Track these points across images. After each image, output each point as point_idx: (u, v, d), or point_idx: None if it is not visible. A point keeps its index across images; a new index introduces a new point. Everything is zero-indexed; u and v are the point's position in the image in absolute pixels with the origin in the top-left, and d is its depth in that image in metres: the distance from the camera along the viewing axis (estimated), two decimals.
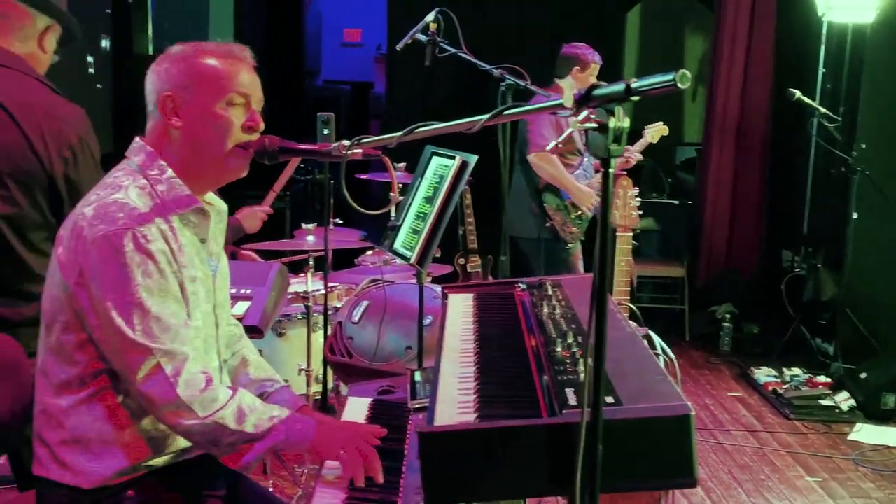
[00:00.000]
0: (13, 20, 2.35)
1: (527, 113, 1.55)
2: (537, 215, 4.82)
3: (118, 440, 1.84)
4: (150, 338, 1.75)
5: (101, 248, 1.75)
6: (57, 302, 1.82)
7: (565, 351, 1.82)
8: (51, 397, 1.85)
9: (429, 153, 2.89)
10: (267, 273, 3.02)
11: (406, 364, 3.04)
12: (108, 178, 1.89)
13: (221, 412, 1.79)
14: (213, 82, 1.88)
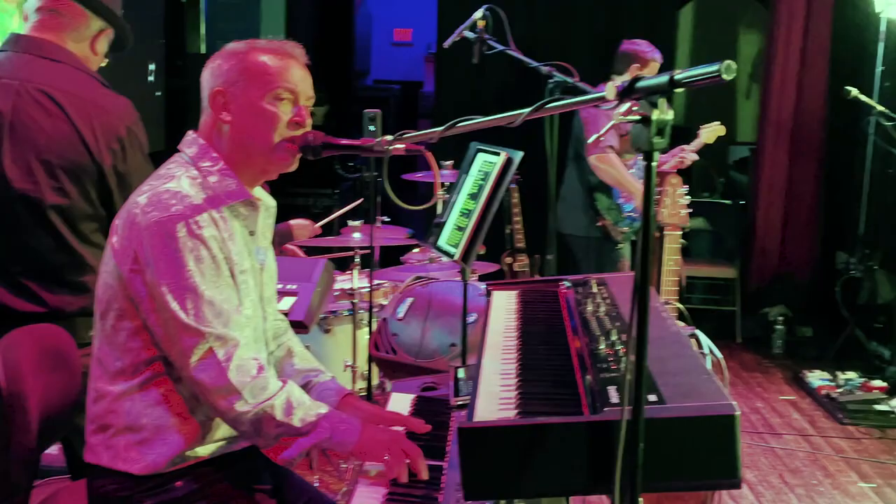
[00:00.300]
0: (68, 19, 2.39)
1: (568, 106, 1.53)
2: (589, 213, 4.78)
3: (170, 427, 1.87)
4: (203, 322, 1.78)
5: (154, 234, 1.78)
6: (111, 290, 1.86)
7: (608, 349, 1.80)
8: (105, 384, 1.89)
9: (474, 150, 2.87)
10: (313, 269, 3.04)
11: (450, 361, 3.03)
12: (162, 170, 1.94)
13: (270, 402, 1.81)
14: (260, 77, 1.91)
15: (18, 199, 2.30)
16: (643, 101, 1.34)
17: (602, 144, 4.50)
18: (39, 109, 2.30)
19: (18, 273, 2.33)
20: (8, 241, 2.32)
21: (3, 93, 2.30)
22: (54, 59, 2.36)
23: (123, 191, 2.35)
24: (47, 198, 2.31)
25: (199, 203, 1.84)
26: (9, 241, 2.32)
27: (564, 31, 6.26)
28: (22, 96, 2.30)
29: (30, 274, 2.33)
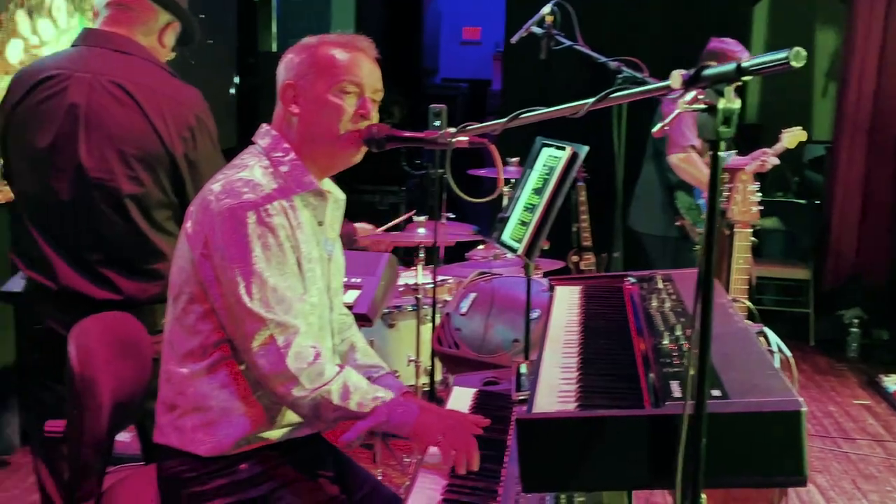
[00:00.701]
0: (137, 13, 2.45)
1: (633, 96, 1.51)
2: (667, 213, 4.69)
3: (236, 409, 1.90)
4: (266, 308, 1.82)
5: (226, 219, 1.83)
6: (184, 274, 1.91)
7: (672, 344, 1.77)
8: (175, 366, 1.94)
9: (539, 144, 2.86)
10: (377, 263, 3.05)
11: (513, 357, 3.02)
12: (236, 160, 1.99)
13: (327, 387, 1.84)
14: (328, 70, 1.95)
15: (95, 188, 2.36)
16: (710, 90, 1.31)
17: (685, 144, 4.42)
18: (113, 101, 2.36)
19: (95, 261, 2.39)
20: (86, 230, 2.38)
21: (78, 86, 2.37)
22: (125, 52, 2.42)
23: (195, 178, 2.40)
24: (123, 187, 2.37)
25: (271, 192, 1.87)
26: (86, 230, 2.38)
27: (634, 27, 6.18)
28: (95, 89, 2.37)
29: (106, 262, 2.39)
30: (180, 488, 1.92)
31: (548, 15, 3.79)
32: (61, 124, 2.36)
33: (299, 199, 1.95)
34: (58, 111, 2.36)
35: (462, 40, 10.79)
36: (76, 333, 1.97)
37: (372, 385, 1.92)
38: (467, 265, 4.04)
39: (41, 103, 2.38)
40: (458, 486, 1.85)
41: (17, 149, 2.43)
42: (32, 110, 2.38)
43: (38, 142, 2.37)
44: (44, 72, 2.41)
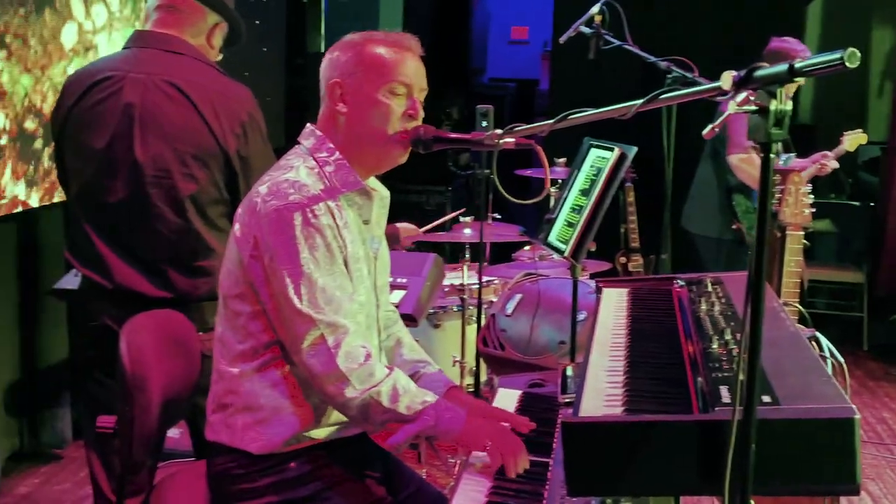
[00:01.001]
0: (186, 15, 2.49)
1: (682, 97, 1.49)
2: (724, 215, 4.62)
3: (285, 409, 1.91)
4: (315, 308, 1.82)
5: (273, 221, 1.84)
6: (233, 276, 1.92)
7: (722, 348, 1.75)
8: (226, 365, 1.95)
9: (587, 145, 2.84)
10: (423, 263, 3.06)
11: (559, 359, 3.01)
12: (282, 161, 1.99)
13: (377, 388, 1.84)
14: (377, 70, 1.94)
15: (150, 186, 2.40)
16: (761, 91, 1.29)
17: (745, 144, 4.36)
18: (167, 99, 2.40)
19: (150, 259, 2.42)
20: (140, 228, 2.42)
21: (133, 86, 2.40)
22: (177, 52, 2.46)
23: (247, 175, 2.43)
24: (178, 184, 2.40)
25: (316, 192, 1.88)
26: (141, 228, 2.42)
27: (685, 26, 6.10)
28: (150, 88, 2.40)
29: (160, 260, 2.43)
30: (230, 485, 1.94)
31: (596, 15, 3.76)
32: (117, 124, 2.40)
33: (345, 198, 1.95)
34: (113, 111, 2.40)
35: (510, 39, 10.76)
36: (127, 331, 2.00)
37: (420, 388, 1.92)
38: (513, 266, 4.03)
39: (97, 104, 2.42)
40: (502, 488, 1.84)
41: (74, 150, 2.47)
42: (88, 112, 2.43)
43: (94, 142, 2.42)
44: (98, 74, 2.45)
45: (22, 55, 3.41)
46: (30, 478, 3.67)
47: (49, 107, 3.55)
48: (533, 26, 10.39)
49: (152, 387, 1.99)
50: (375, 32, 2.00)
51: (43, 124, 3.54)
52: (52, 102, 3.55)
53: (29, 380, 3.73)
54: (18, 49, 3.38)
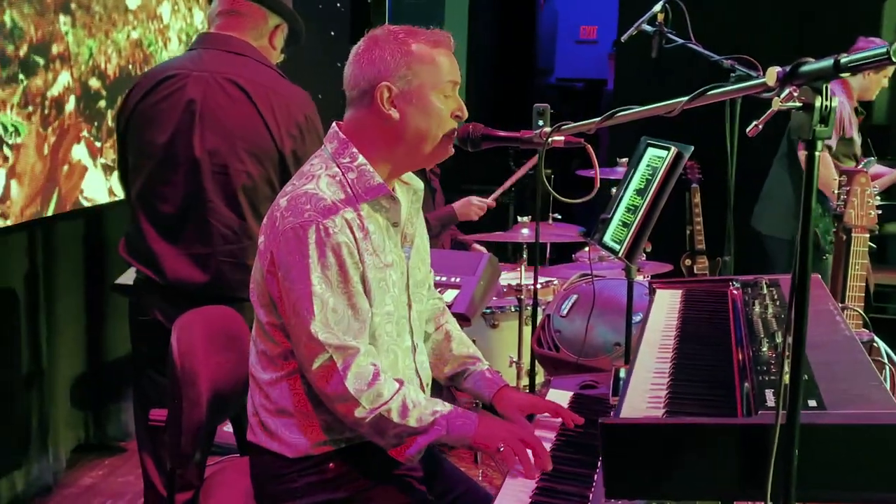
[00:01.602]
0: (248, 18, 2.54)
1: (728, 94, 1.46)
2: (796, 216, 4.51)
3: (316, 414, 1.92)
4: (325, 329, 1.81)
5: (288, 239, 1.82)
6: (258, 285, 1.93)
7: (771, 351, 1.71)
8: (259, 370, 1.97)
9: (644, 144, 2.80)
10: (477, 263, 3.05)
11: (613, 360, 2.97)
12: (306, 167, 1.95)
13: (387, 406, 1.83)
14: (430, 72, 1.88)
15: (208, 181, 2.45)
16: (806, 87, 1.25)
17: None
18: (226, 97, 2.45)
19: (203, 255, 2.47)
20: (196, 223, 2.47)
21: (195, 84, 2.46)
22: (239, 53, 2.50)
23: None
24: (234, 179, 2.45)
25: (335, 206, 1.83)
26: (197, 223, 2.47)
27: (753, 25, 5.98)
28: (211, 85, 2.46)
29: (213, 256, 2.47)
30: (271, 485, 1.95)
31: (659, 12, 3.70)
32: (179, 120, 2.46)
33: (370, 205, 1.90)
34: (176, 108, 2.46)
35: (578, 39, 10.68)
36: (178, 326, 2.04)
37: (430, 399, 1.91)
38: (573, 266, 4.00)
39: (161, 101, 2.48)
40: (547, 490, 1.83)
41: (137, 146, 2.54)
42: (152, 108, 2.49)
43: (157, 138, 2.48)
44: (164, 72, 2.52)
45: (86, 21, 3.48)
46: (94, 469, 3.76)
47: (113, 68, 3.63)
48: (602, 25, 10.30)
49: (202, 381, 2.03)
50: (411, 28, 1.92)
51: (106, 86, 3.61)
52: (116, 63, 3.64)
53: (94, 373, 3.82)
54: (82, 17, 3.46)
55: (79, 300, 3.70)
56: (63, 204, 3.39)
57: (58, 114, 3.32)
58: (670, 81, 5.89)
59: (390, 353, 1.97)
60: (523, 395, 2.16)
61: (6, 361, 3.29)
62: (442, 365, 2.19)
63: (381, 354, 1.94)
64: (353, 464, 1.95)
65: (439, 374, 2.19)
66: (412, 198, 2.04)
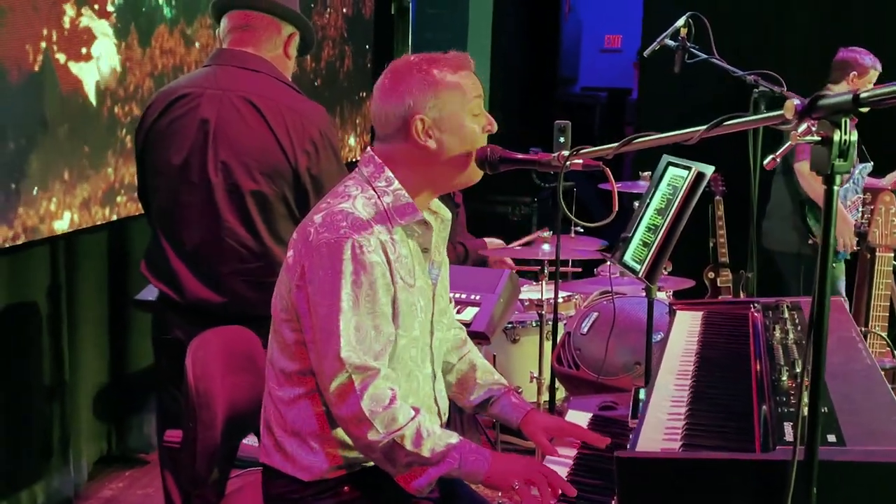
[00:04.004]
0: (262, 31, 2.53)
1: (746, 124, 1.44)
2: (799, 229, 4.50)
3: (333, 436, 1.91)
4: (348, 347, 1.80)
5: (321, 254, 1.83)
6: (283, 300, 1.93)
7: (791, 380, 1.69)
8: (276, 388, 1.96)
9: (665, 163, 2.78)
10: (497, 280, 3.04)
11: (634, 380, 2.95)
12: (340, 187, 1.96)
13: (400, 432, 1.81)
14: (458, 98, 1.90)
15: (222, 200, 2.45)
16: (824, 121, 1.23)
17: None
18: (240, 115, 2.45)
19: (221, 274, 2.47)
20: (213, 243, 2.47)
21: (209, 103, 2.47)
22: (254, 70, 2.50)
23: (318, 192, 2.45)
24: (249, 198, 2.45)
25: (370, 225, 1.85)
26: (213, 243, 2.47)
27: (776, 39, 5.92)
28: (225, 104, 2.46)
29: (231, 275, 2.47)
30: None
31: (682, 27, 3.68)
32: (193, 140, 2.46)
33: (402, 229, 1.92)
34: (190, 127, 2.47)
35: (603, 48, 10.64)
36: (194, 347, 2.04)
37: (445, 431, 1.89)
38: (592, 281, 3.97)
39: (175, 121, 2.49)
40: None
41: (153, 166, 2.55)
42: (167, 128, 2.50)
43: (172, 159, 2.48)
44: (178, 91, 2.52)
45: None
46: (115, 481, 3.78)
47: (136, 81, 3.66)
48: (626, 34, 10.26)
49: (217, 403, 2.02)
50: (430, 57, 1.93)
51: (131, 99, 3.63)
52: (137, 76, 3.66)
53: (117, 385, 3.84)
54: None
55: (101, 313, 3.72)
56: (86, 218, 3.42)
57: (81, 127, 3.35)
58: (696, 94, 5.86)
59: (412, 379, 1.97)
60: (550, 418, 2.14)
61: (29, 374, 3.31)
62: (468, 394, 2.18)
63: (403, 379, 1.93)
64: (369, 488, 1.94)
65: (465, 402, 2.19)
66: (440, 226, 2.04)
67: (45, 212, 3.16)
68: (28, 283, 3.28)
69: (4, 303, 3.15)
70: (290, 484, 1.94)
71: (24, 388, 3.28)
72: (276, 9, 2.53)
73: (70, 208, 3.30)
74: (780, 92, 3.46)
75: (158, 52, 3.74)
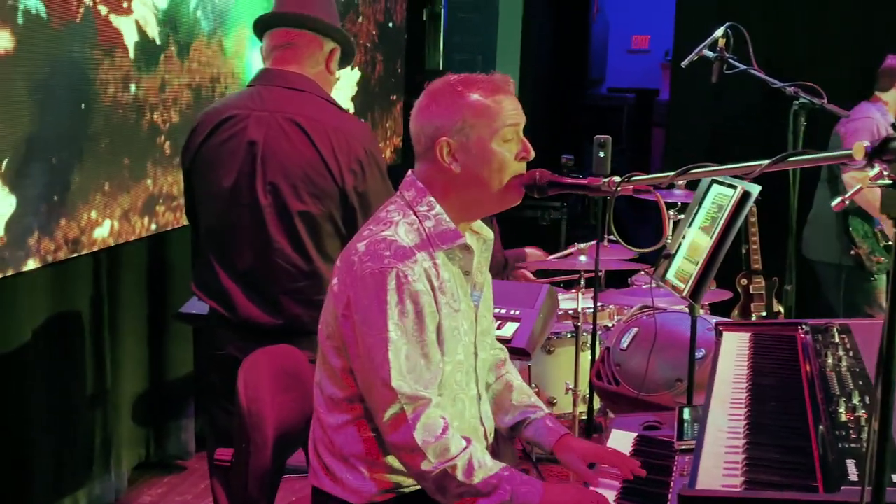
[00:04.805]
0: (304, 48, 2.54)
1: (809, 162, 1.43)
2: (842, 240, 4.45)
3: (382, 461, 1.92)
4: (399, 377, 1.81)
5: (366, 284, 1.83)
6: (329, 327, 1.93)
7: (849, 413, 1.68)
8: (324, 413, 1.97)
9: (708, 180, 2.77)
10: (537, 295, 3.03)
11: (675, 397, 2.94)
12: (382, 212, 1.96)
13: (453, 462, 1.82)
14: (485, 122, 1.89)
15: (271, 221, 2.47)
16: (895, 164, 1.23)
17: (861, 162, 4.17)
18: (287, 136, 2.46)
19: (272, 293, 2.49)
20: (263, 262, 2.49)
21: (256, 124, 2.48)
22: (298, 89, 2.52)
23: (365, 210, 2.47)
24: (297, 219, 2.46)
25: (414, 253, 1.85)
26: (263, 262, 2.49)
27: (816, 49, 5.83)
28: (272, 126, 2.47)
29: (281, 293, 2.49)
30: None
31: (720, 38, 3.66)
32: (242, 162, 2.48)
33: (444, 254, 1.92)
34: (238, 150, 2.48)
35: (630, 49, 10.61)
36: (245, 369, 2.06)
37: (496, 462, 1.89)
38: (628, 292, 3.96)
39: (223, 143, 2.51)
40: None
41: (203, 187, 2.57)
42: (216, 150, 2.52)
43: (221, 181, 2.50)
44: (224, 112, 2.53)
45: None
46: (154, 487, 3.81)
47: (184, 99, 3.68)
48: (654, 35, 10.22)
49: (268, 424, 2.04)
50: (467, 78, 1.92)
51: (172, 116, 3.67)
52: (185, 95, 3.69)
53: (156, 392, 3.88)
54: None
55: (141, 323, 3.76)
56: (129, 231, 3.45)
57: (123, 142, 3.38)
58: (732, 102, 5.82)
59: (458, 402, 1.97)
60: (585, 444, 2.13)
61: (72, 382, 3.35)
62: (503, 415, 2.18)
63: (449, 403, 1.94)
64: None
65: (500, 423, 2.18)
66: (482, 247, 2.05)
67: (85, 223, 3.18)
68: (71, 295, 3.31)
69: (48, 313, 3.18)
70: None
71: (67, 396, 3.32)
72: (318, 25, 2.54)
73: (112, 218, 3.33)
74: (821, 104, 3.44)
75: (196, 64, 3.77)
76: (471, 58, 6.68)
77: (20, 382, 3.06)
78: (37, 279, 3.07)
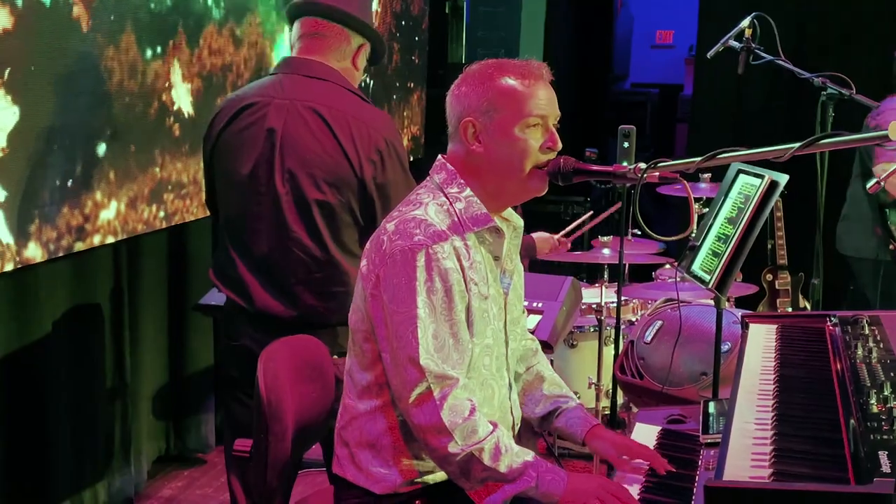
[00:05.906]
0: (331, 40, 2.52)
1: (842, 144, 1.39)
2: (879, 234, 4.37)
3: (408, 449, 1.90)
4: (427, 356, 1.79)
5: (396, 262, 1.82)
6: (360, 312, 1.92)
7: (880, 405, 1.63)
8: (353, 400, 1.96)
9: (734, 170, 2.72)
10: (560, 287, 3.00)
11: (700, 391, 2.90)
12: (412, 195, 1.96)
13: (479, 445, 1.79)
14: (511, 106, 1.88)
15: (288, 210, 2.45)
16: None
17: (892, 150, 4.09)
18: (306, 125, 2.44)
19: (289, 284, 2.47)
20: (280, 252, 2.47)
21: (276, 112, 2.46)
22: (321, 78, 2.49)
23: (384, 202, 2.44)
24: (313, 208, 2.44)
25: (443, 232, 1.84)
26: (281, 252, 2.47)
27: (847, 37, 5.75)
28: (292, 114, 2.45)
29: (298, 284, 2.47)
30: None
31: (746, 28, 3.60)
32: (261, 150, 2.46)
33: (475, 236, 1.91)
34: (258, 137, 2.46)
35: (654, 44, 10.54)
36: (264, 359, 2.03)
37: (523, 449, 1.86)
38: (651, 286, 3.92)
39: (243, 130, 2.49)
40: None
41: (222, 175, 2.55)
42: (235, 137, 2.50)
43: (240, 168, 2.48)
44: (246, 99, 2.52)
45: None
46: (174, 481, 3.81)
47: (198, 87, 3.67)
48: (678, 30, 10.14)
49: (287, 415, 2.02)
50: (503, 62, 1.93)
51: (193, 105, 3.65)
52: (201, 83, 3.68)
53: (176, 385, 3.87)
54: None
55: (160, 315, 3.75)
56: (148, 222, 3.44)
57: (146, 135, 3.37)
58: (756, 93, 5.75)
59: (486, 388, 1.95)
60: (616, 436, 2.10)
61: (92, 375, 3.34)
62: (533, 405, 2.15)
63: (478, 388, 1.92)
64: (442, 503, 1.93)
65: (530, 414, 2.16)
66: (512, 234, 2.03)
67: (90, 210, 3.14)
68: (91, 287, 3.31)
69: (67, 306, 3.18)
70: (362, 496, 1.93)
71: (87, 390, 3.31)
72: (348, 19, 2.51)
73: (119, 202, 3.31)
74: (850, 94, 3.39)
75: (207, 52, 3.74)
76: (494, 52, 6.65)
77: (40, 375, 3.06)
78: (56, 271, 3.06)
